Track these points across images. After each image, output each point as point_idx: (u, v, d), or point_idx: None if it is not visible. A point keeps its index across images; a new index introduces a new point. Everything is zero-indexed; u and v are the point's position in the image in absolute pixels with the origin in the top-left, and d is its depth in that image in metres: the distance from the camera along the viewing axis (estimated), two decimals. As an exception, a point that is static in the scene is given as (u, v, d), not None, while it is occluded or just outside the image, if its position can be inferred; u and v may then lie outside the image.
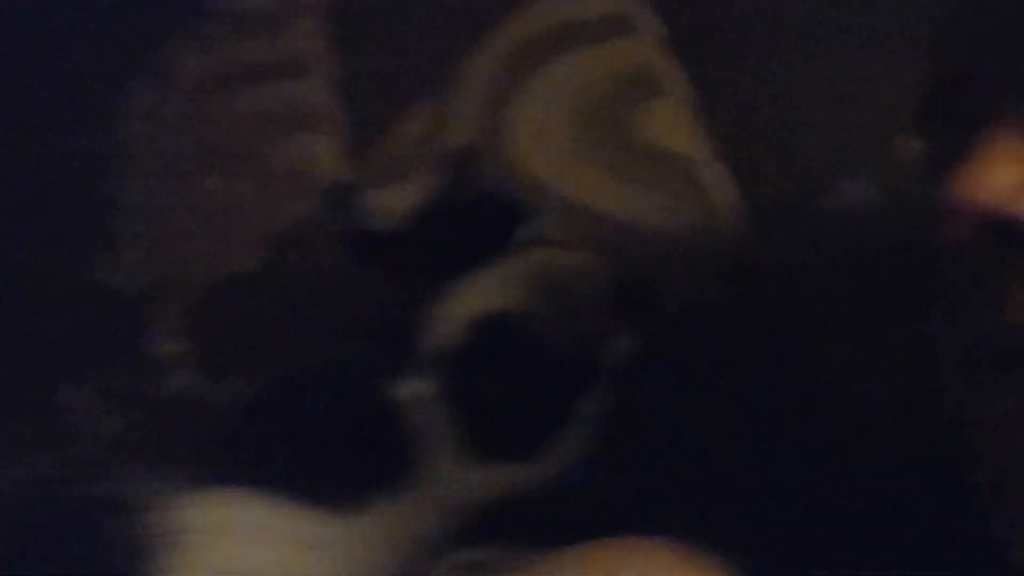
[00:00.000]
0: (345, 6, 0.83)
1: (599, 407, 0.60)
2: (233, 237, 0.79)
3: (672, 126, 0.78)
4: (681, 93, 0.78)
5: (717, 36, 0.77)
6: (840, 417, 0.64)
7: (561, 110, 0.81)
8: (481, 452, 0.55)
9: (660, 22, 0.80)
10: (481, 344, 0.56)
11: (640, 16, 0.81)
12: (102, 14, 0.81)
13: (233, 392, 0.73)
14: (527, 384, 0.57)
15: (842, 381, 0.67)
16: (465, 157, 0.68)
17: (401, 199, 0.73)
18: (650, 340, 0.68)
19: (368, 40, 0.82)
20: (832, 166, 0.72)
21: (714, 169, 0.76)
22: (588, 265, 0.69)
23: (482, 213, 0.63)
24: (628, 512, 0.60)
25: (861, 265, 0.68)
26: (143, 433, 0.77)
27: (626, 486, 0.63)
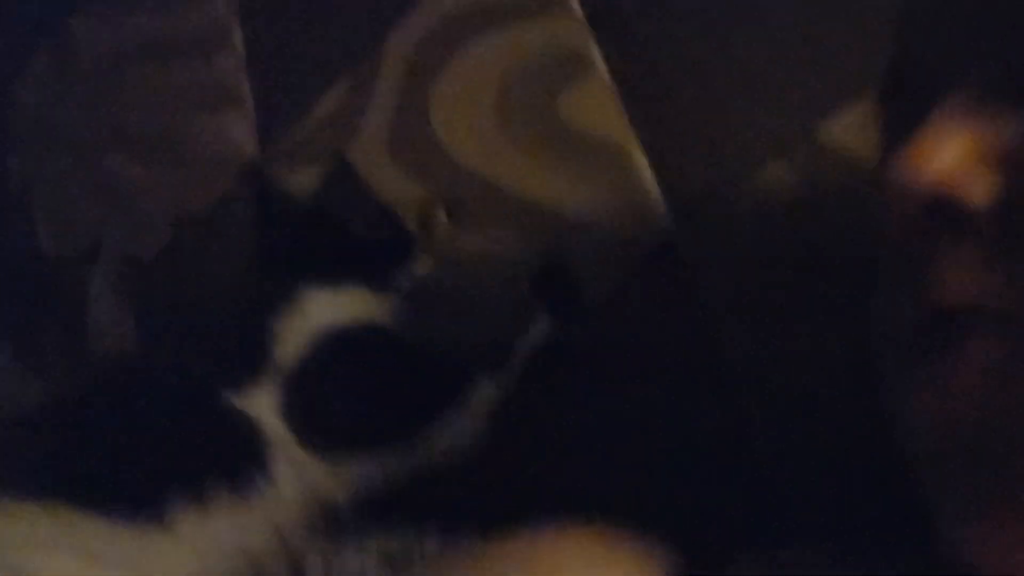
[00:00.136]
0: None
1: (490, 397, 0.60)
2: (139, 218, 0.76)
3: (598, 109, 0.76)
4: (607, 76, 0.76)
5: (640, 18, 0.75)
6: (765, 402, 0.63)
7: (484, 90, 0.79)
8: (330, 451, 0.55)
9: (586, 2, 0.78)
10: (328, 353, 0.56)
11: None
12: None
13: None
14: (388, 385, 0.57)
15: (765, 366, 0.66)
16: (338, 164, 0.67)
17: (311, 183, 0.71)
18: (569, 326, 0.67)
19: (282, 16, 0.79)
20: (756, 151, 0.71)
21: (639, 153, 0.74)
22: (506, 250, 0.68)
23: (346, 222, 0.62)
24: (554, 498, 0.60)
25: (785, 251, 0.68)
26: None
27: (552, 472, 0.63)
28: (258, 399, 0.56)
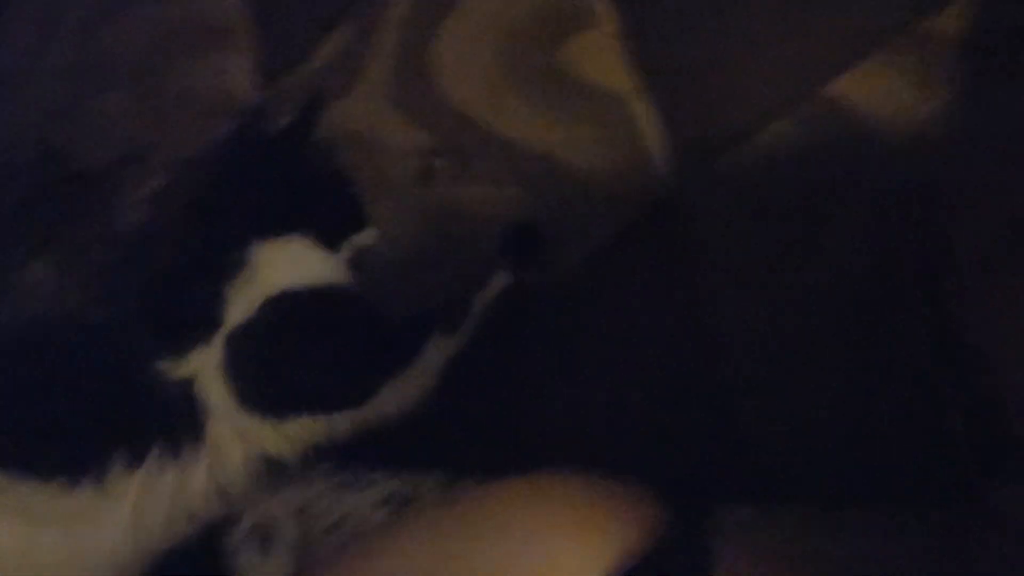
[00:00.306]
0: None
1: (444, 354, 0.60)
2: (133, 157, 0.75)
3: (600, 60, 0.75)
4: (609, 27, 0.75)
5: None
6: (753, 362, 0.63)
7: (487, 41, 0.78)
8: (273, 410, 0.55)
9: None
10: (276, 314, 0.56)
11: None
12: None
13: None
14: (339, 346, 0.57)
15: (755, 328, 0.66)
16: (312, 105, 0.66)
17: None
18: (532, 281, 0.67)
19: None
20: (762, 107, 0.70)
21: (640, 105, 0.74)
22: (484, 201, 0.67)
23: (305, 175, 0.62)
24: (546, 446, 0.60)
25: (787, 206, 0.67)
26: None
27: (542, 421, 0.63)
28: (201, 360, 0.56)
